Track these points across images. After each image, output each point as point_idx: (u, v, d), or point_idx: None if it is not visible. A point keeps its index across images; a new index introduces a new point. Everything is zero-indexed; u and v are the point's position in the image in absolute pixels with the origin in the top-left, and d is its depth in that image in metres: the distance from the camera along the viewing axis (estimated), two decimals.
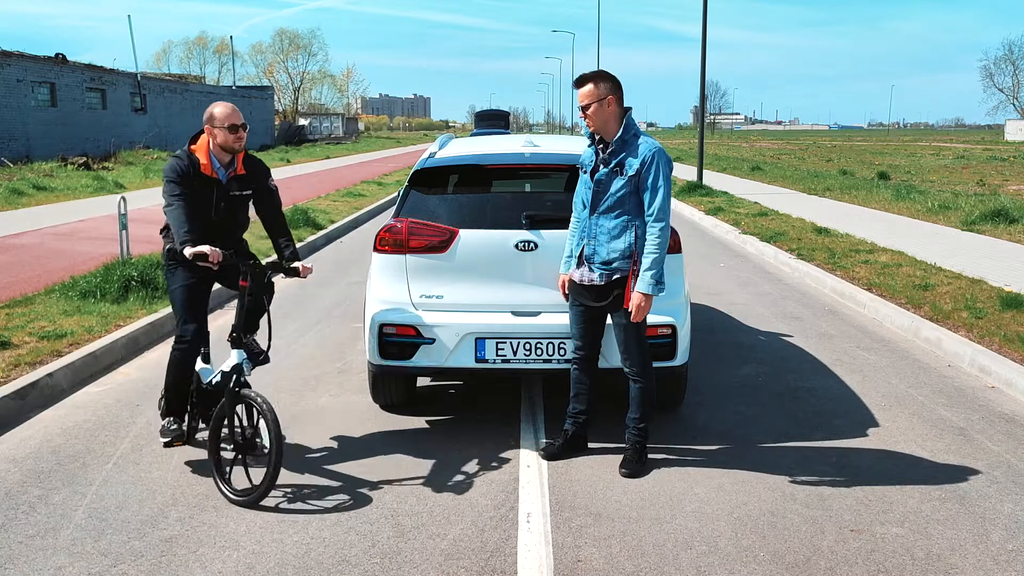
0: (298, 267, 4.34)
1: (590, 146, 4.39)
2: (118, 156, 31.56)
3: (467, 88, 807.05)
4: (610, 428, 4.78)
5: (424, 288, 4.80)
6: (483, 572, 3.42)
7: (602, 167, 4.27)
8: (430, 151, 5.48)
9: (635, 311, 4.20)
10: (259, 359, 4.27)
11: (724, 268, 10.85)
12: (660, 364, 4.59)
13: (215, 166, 4.27)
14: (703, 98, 22.44)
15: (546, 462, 4.49)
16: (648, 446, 4.50)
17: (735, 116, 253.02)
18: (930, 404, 5.48)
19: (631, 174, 4.20)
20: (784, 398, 5.60)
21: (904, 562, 3.49)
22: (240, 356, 4.14)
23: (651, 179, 4.18)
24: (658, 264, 4.17)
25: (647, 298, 4.19)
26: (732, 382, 5.92)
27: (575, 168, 4.61)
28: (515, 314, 4.77)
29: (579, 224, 4.44)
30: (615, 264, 4.26)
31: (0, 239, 11.65)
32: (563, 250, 4.59)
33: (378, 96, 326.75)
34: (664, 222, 4.19)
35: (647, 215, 4.21)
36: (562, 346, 4.67)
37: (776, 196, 19.76)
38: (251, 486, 4.00)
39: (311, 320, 7.74)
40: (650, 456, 4.50)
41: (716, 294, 8.99)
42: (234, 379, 4.10)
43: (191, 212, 4.11)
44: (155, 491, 4.15)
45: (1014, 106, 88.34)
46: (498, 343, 4.67)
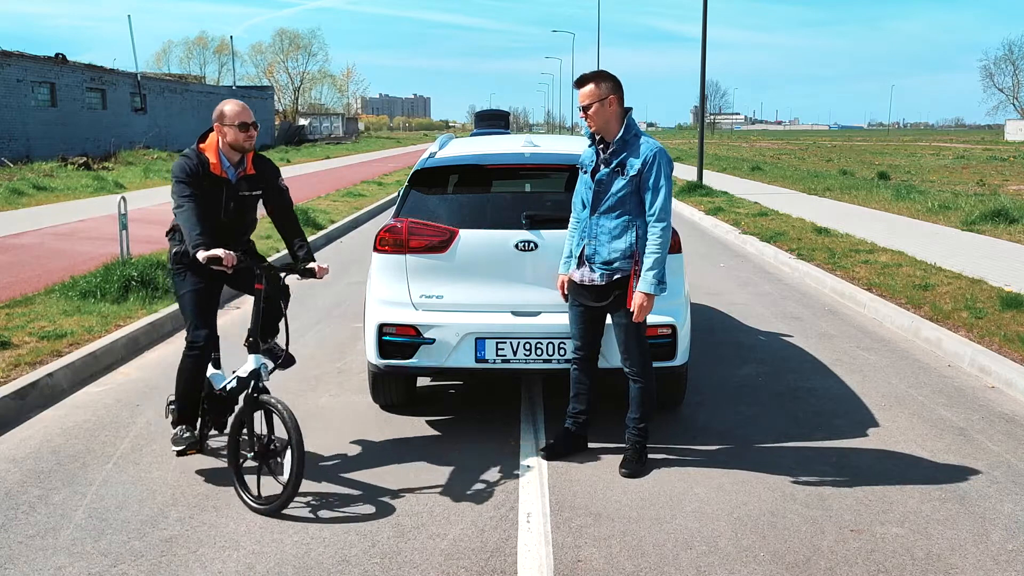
0: (314, 267, 4.23)
1: (591, 146, 4.39)
2: (118, 156, 31.56)
3: (467, 88, 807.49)
4: (610, 428, 4.78)
5: (424, 288, 4.80)
6: (483, 572, 3.42)
7: (603, 167, 4.27)
8: (430, 151, 5.48)
9: (637, 311, 4.20)
10: (282, 362, 4.20)
11: (724, 268, 10.85)
12: (660, 364, 4.59)
13: (225, 165, 4.18)
14: (703, 98, 22.44)
15: (546, 462, 4.49)
16: (648, 446, 4.50)
17: (735, 116, 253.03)
18: (930, 404, 5.48)
19: (632, 174, 4.20)
20: (784, 398, 5.60)
21: (904, 562, 3.50)
22: (257, 361, 4.03)
23: (652, 179, 4.18)
24: (660, 264, 4.18)
25: (649, 298, 4.19)
26: (732, 382, 5.92)
27: (575, 168, 4.61)
28: (515, 314, 4.77)
29: (578, 224, 4.44)
30: (616, 264, 4.26)
31: (0, 239, 11.65)
32: (563, 250, 4.59)
33: (378, 96, 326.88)
34: (666, 222, 4.19)
35: (648, 215, 4.21)
36: (562, 346, 4.67)
37: (776, 196, 19.76)
38: (273, 494, 3.92)
39: (311, 320, 7.73)
40: (650, 456, 4.50)
41: (716, 294, 8.99)
42: (252, 385, 4.00)
43: (203, 214, 4.01)
44: (155, 491, 4.15)
45: (1014, 106, 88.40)
46: (498, 343, 4.67)
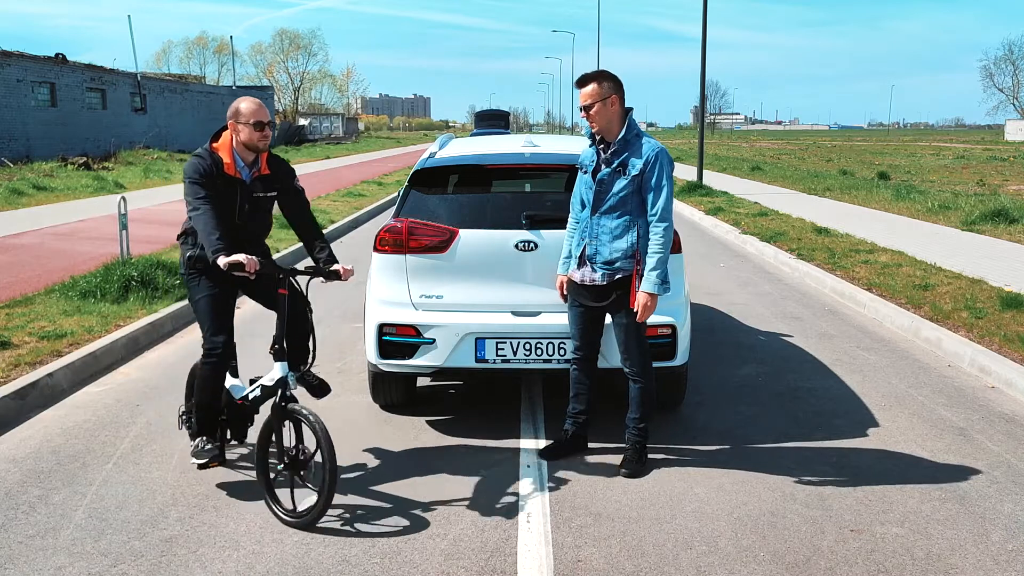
0: (338, 269, 4.06)
1: (591, 146, 4.39)
2: (118, 156, 31.55)
3: (467, 88, 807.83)
4: (610, 428, 4.78)
5: (424, 288, 4.80)
6: (483, 572, 3.42)
7: (604, 167, 4.27)
8: (430, 151, 5.48)
9: (641, 311, 4.20)
10: (317, 392, 4.04)
11: (724, 268, 10.85)
12: (660, 364, 4.59)
13: (239, 165, 4.03)
14: (703, 98, 22.44)
15: (546, 462, 4.49)
16: (648, 446, 4.50)
17: (735, 116, 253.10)
18: (930, 404, 5.48)
19: (634, 174, 4.20)
20: (784, 398, 5.60)
21: (904, 562, 3.49)
22: (284, 369, 3.90)
23: (654, 179, 4.18)
24: (663, 264, 4.18)
25: (653, 298, 4.19)
26: (732, 382, 5.92)
27: (575, 168, 4.61)
28: (515, 314, 4.77)
29: (577, 225, 4.44)
30: (617, 264, 4.26)
31: (0, 239, 11.65)
32: (561, 251, 4.59)
33: (378, 96, 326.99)
34: (668, 222, 4.20)
35: (650, 215, 4.21)
36: (562, 346, 4.67)
37: (776, 196, 19.76)
38: (307, 507, 3.78)
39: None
40: (650, 456, 4.50)
41: (716, 294, 8.99)
42: (280, 394, 3.87)
43: (220, 217, 3.88)
44: (155, 491, 4.15)
45: (1014, 106, 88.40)
46: (498, 343, 4.67)
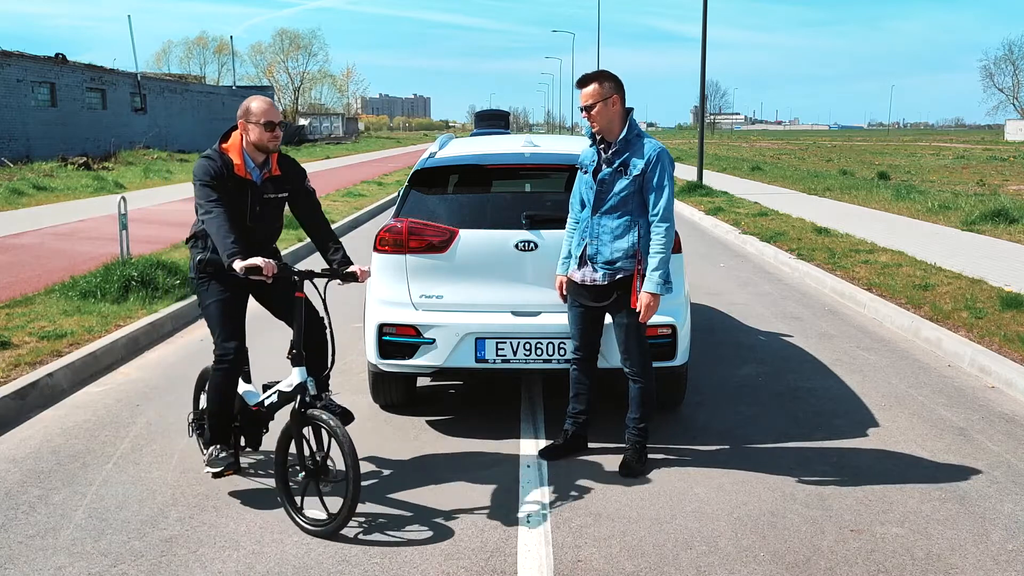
0: (355, 271, 3.98)
1: (592, 146, 4.39)
2: (118, 156, 31.56)
3: (467, 88, 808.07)
4: (610, 428, 4.78)
5: (424, 288, 4.80)
6: (483, 572, 3.42)
7: (605, 167, 4.27)
8: (430, 151, 5.48)
9: (644, 311, 4.20)
10: (341, 419, 3.81)
11: (724, 268, 10.85)
12: (660, 364, 4.59)
13: (249, 166, 3.95)
14: (703, 98, 22.44)
15: (546, 462, 4.49)
16: (648, 446, 4.50)
17: (735, 116, 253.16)
18: (930, 404, 5.48)
19: (636, 174, 4.20)
20: (784, 398, 5.60)
21: (904, 562, 3.50)
22: (303, 375, 3.80)
23: (656, 179, 4.18)
24: (665, 264, 4.18)
25: (655, 298, 4.20)
26: (732, 382, 5.92)
27: (575, 168, 4.60)
28: (515, 314, 4.77)
29: (577, 225, 4.44)
30: (619, 264, 4.26)
31: (0, 239, 11.65)
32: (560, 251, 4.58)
33: (378, 96, 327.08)
34: (670, 222, 4.20)
35: (652, 215, 4.21)
36: (562, 346, 4.67)
37: (776, 196, 19.76)
38: (328, 515, 3.71)
39: None
40: (650, 456, 4.51)
41: (716, 294, 8.99)
42: (299, 399, 3.77)
43: (233, 220, 3.80)
44: (155, 491, 4.15)
45: (1014, 106, 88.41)
46: (498, 343, 4.67)
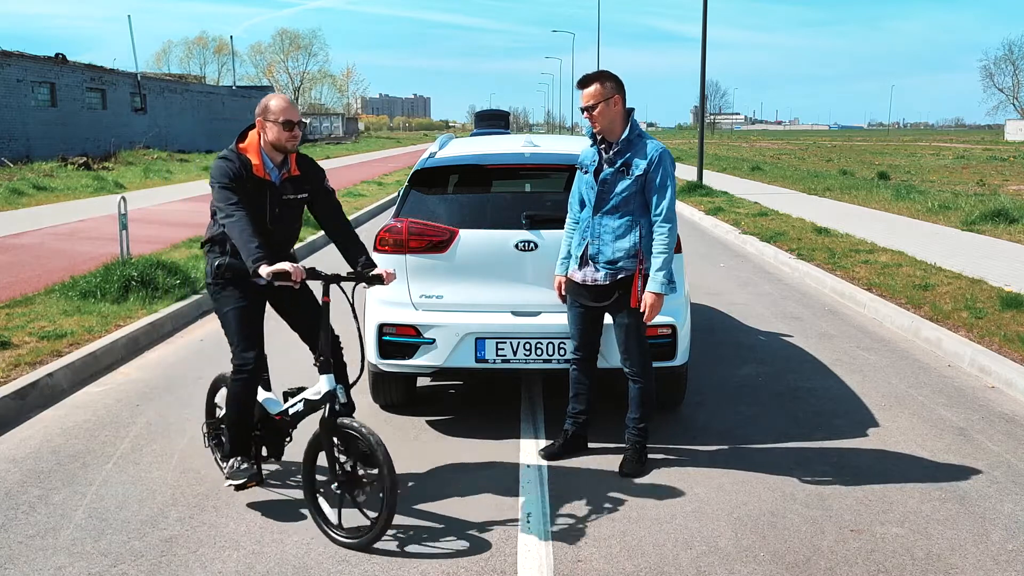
0: (381, 273, 3.86)
1: (592, 146, 4.39)
2: (118, 156, 31.55)
3: (467, 88, 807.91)
4: (610, 428, 4.78)
5: (424, 288, 4.80)
6: (483, 572, 3.42)
7: (607, 167, 4.27)
8: (430, 151, 5.48)
9: (648, 311, 4.20)
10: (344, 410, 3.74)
11: (724, 268, 10.85)
12: (660, 364, 4.59)
13: (268, 167, 3.83)
14: (703, 98, 22.44)
15: (546, 462, 4.50)
16: (648, 446, 4.50)
17: (735, 116, 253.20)
18: (930, 404, 5.48)
19: (638, 174, 4.20)
20: (784, 398, 5.60)
21: (904, 562, 3.50)
22: (331, 382, 3.71)
23: (659, 179, 4.18)
24: (668, 264, 4.19)
25: (659, 298, 4.20)
26: (732, 382, 5.92)
27: (575, 168, 4.61)
28: (515, 314, 4.77)
29: (576, 225, 4.43)
30: (620, 263, 4.26)
31: (0, 239, 11.65)
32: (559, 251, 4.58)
33: (378, 96, 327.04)
34: (672, 222, 4.20)
35: (655, 215, 4.21)
36: (562, 346, 4.67)
37: (776, 196, 19.76)
38: (361, 525, 3.62)
39: None
40: (650, 456, 4.51)
41: (716, 294, 8.99)
42: (328, 408, 3.67)
43: (258, 224, 3.67)
44: (155, 491, 4.15)
45: (1014, 106, 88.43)
46: (498, 343, 4.67)
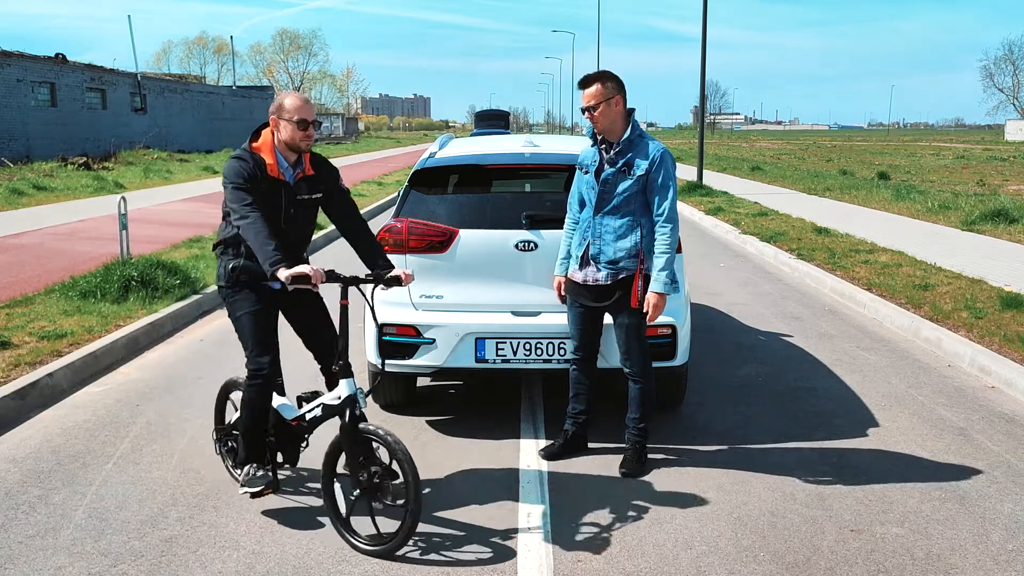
0: (399, 275, 3.82)
1: (593, 146, 4.38)
2: (118, 156, 31.54)
3: (467, 88, 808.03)
4: (610, 428, 4.78)
5: (424, 288, 4.80)
6: (483, 572, 3.42)
7: (608, 167, 4.27)
8: (430, 151, 5.48)
9: (652, 311, 4.20)
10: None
11: (724, 268, 10.85)
12: (660, 364, 4.59)
13: (282, 166, 3.75)
14: (703, 98, 22.44)
15: (546, 462, 4.50)
16: (648, 446, 4.50)
17: (735, 116, 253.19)
18: (930, 404, 5.48)
19: (640, 174, 4.20)
20: (784, 398, 5.60)
21: (904, 562, 3.50)
22: (351, 387, 3.64)
23: (661, 179, 4.19)
24: (671, 264, 4.19)
25: (663, 298, 4.20)
26: (732, 382, 5.92)
27: (575, 168, 4.61)
28: (515, 314, 4.77)
29: (578, 224, 4.43)
30: (622, 263, 4.26)
31: (0, 239, 11.65)
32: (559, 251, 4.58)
33: (378, 96, 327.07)
34: (674, 222, 4.21)
35: (657, 215, 4.21)
36: (562, 346, 4.67)
37: (776, 196, 19.76)
38: (382, 533, 3.55)
39: None
40: (650, 456, 4.51)
41: (716, 294, 8.99)
42: (349, 414, 3.58)
43: (273, 225, 3.60)
44: (155, 491, 4.15)
45: (1014, 106, 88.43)
46: (498, 343, 4.67)
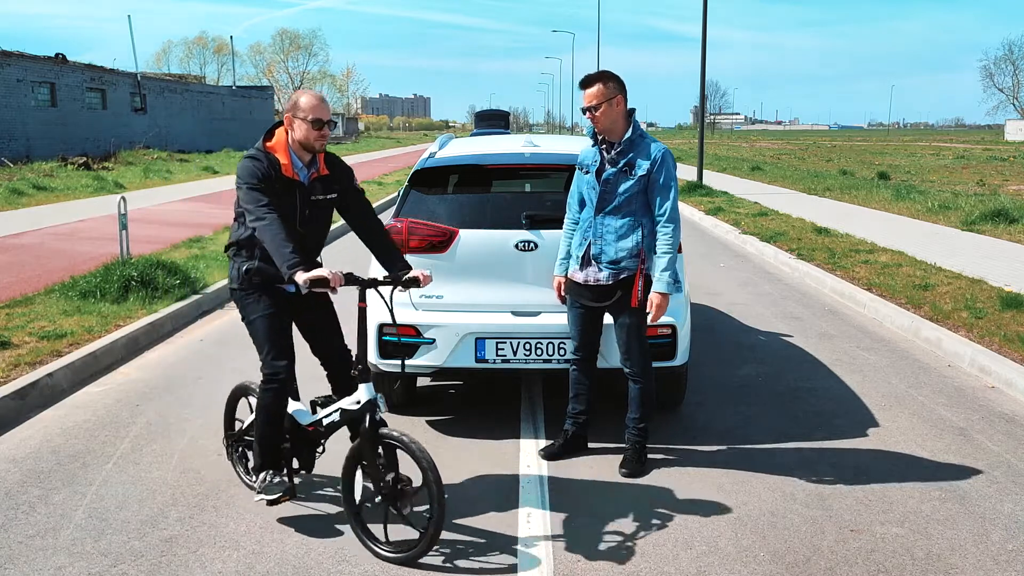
0: (417, 276, 3.75)
1: (593, 146, 4.38)
2: (118, 156, 31.52)
3: (467, 88, 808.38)
4: (610, 428, 4.78)
5: (424, 288, 4.79)
6: (483, 572, 3.42)
7: (609, 167, 4.26)
8: (430, 151, 5.48)
9: (655, 311, 4.20)
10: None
11: (724, 268, 10.85)
12: (660, 364, 4.59)
13: (297, 166, 3.69)
14: (703, 98, 22.44)
15: (546, 462, 4.50)
16: (648, 446, 4.50)
17: (735, 116, 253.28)
18: (930, 404, 5.48)
19: (641, 174, 4.20)
20: (784, 398, 5.60)
21: (904, 562, 3.50)
22: (370, 391, 3.57)
23: (662, 179, 4.19)
24: (673, 264, 4.20)
25: (665, 297, 4.20)
26: (732, 382, 5.92)
27: (575, 168, 4.61)
28: (515, 314, 4.77)
29: (578, 224, 4.43)
30: (623, 263, 4.26)
31: (0, 239, 11.65)
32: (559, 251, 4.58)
33: (378, 96, 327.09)
34: (676, 223, 4.21)
35: (658, 215, 4.21)
36: (562, 346, 4.67)
37: (776, 196, 19.76)
38: (408, 539, 3.50)
39: None
40: (650, 456, 4.51)
41: (716, 294, 8.99)
42: (368, 419, 3.52)
43: (290, 227, 3.52)
44: (155, 491, 4.15)
45: (1014, 106, 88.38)
46: (498, 343, 4.67)
